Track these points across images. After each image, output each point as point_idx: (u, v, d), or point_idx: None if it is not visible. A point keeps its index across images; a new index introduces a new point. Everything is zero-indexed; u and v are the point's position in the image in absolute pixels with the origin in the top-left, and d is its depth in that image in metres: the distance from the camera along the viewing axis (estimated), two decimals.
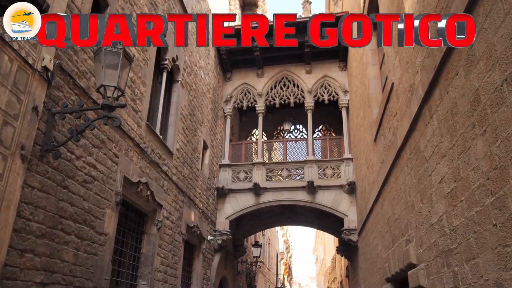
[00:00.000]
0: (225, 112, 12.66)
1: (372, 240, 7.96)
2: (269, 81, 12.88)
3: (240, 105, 12.82)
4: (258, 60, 12.67)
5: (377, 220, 7.25)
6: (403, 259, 4.97)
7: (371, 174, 7.84)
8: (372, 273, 7.99)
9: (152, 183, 6.73)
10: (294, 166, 11.58)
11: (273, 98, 12.69)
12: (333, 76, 12.53)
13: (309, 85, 12.53)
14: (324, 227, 13.31)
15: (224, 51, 12.36)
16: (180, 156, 8.35)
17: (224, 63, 12.70)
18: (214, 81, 11.73)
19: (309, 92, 12.45)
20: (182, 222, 8.24)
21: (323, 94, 12.43)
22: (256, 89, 12.79)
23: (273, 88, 12.82)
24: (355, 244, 10.26)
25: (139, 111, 6.36)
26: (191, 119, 9.21)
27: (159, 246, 7.00)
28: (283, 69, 12.94)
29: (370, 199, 7.79)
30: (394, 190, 5.69)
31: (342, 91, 12.22)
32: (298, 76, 12.76)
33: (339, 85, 12.34)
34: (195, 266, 9.38)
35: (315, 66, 12.77)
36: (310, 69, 12.72)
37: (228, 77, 13.06)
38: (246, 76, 13.08)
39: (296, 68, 12.87)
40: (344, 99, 12.12)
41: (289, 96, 12.61)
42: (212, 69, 11.65)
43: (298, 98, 12.53)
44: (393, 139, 5.59)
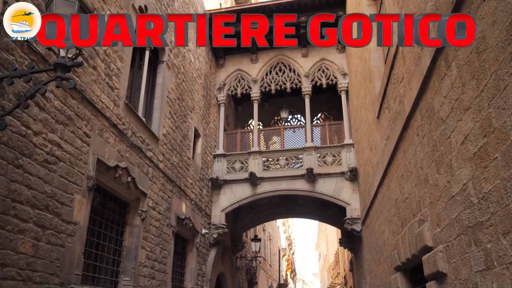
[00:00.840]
0: (218, 100, 11.99)
1: (377, 227, 7.30)
2: (264, 67, 12.20)
3: (234, 93, 12.15)
4: (252, 45, 11.98)
5: (383, 204, 6.58)
6: (416, 242, 4.30)
7: (375, 156, 7.18)
8: (378, 263, 7.32)
9: (133, 168, 6.07)
10: (292, 154, 10.90)
11: (269, 84, 12.01)
12: (331, 59, 11.84)
13: (306, 69, 11.86)
14: (326, 219, 12.64)
15: None
16: (168, 142, 7.69)
17: (216, 49, 12.03)
18: (205, 67, 11.06)
19: (306, 77, 11.78)
20: (171, 214, 7.58)
21: (321, 78, 11.75)
22: (251, 75, 12.11)
23: (268, 74, 12.15)
24: (359, 234, 9.60)
25: (115, 89, 5.69)
26: (179, 103, 8.55)
27: (144, 238, 6.34)
28: (278, 53, 12.25)
29: (374, 182, 7.12)
30: (402, 167, 5.02)
31: (341, 74, 11.54)
32: (294, 60, 12.08)
33: (337, 68, 11.66)
34: (189, 261, 8.72)
35: (312, 49, 12.08)
36: (307, 52, 12.04)
37: (221, 64, 12.38)
38: (240, 62, 12.40)
39: (291, 52, 12.18)
40: (343, 82, 11.44)
41: (285, 82, 11.93)
42: (204, 54, 10.98)
43: (294, 83, 11.85)
44: (399, 109, 4.92)
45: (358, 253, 10.78)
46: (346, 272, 17.37)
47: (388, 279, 6.17)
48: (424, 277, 4.52)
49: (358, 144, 9.62)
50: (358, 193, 9.90)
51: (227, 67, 12.44)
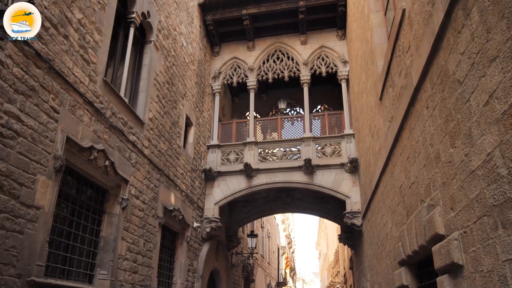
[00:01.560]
0: (213, 89, 11.44)
1: (379, 219, 6.74)
2: (261, 55, 11.65)
3: (230, 81, 11.61)
4: (248, 31, 11.44)
5: (386, 193, 6.03)
6: (424, 231, 3.75)
7: (377, 142, 6.62)
8: (380, 258, 6.77)
9: (113, 152, 5.52)
10: (289, 145, 10.35)
11: (266, 72, 11.45)
12: (331, 46, 11.28)
13: (305, 56, 11.30)
14: (325, 214, 12.08)
15: (210, 21, 11.14)
16: (155, 128, 7.14)
17: (211, 35, 11.48)
18: (199, 53, 10.51)
19: (304, 65, 11.22)
20: (158, 204, 7.03)
21: (320, 66, 11.19)
22: (247, 63, 11.56)
23: (266, 62, 11.59)
24: (359, 229, 9.04)
25: (92, 63, 5.14)
26: (169, 88, 8.00)
27: (125, 229, 5.79)
28: (276, 40, 11.70)
29: (376, 171, 6.57)
30: (408, 148, 4.46)
31: (341, 62, 10.98)
32: (292, 48, 11.52)
33: (337, 55, 11.10)
34: (178, 255, 8.17)
35: (311, 36, 11.53)
36: (306, 40, 11.47)
37: (216, 51, 11.83)
38: (236, 50, 11.85)
39: (290, 39, 11.63)
40: (343, 70, 10.87)
41: (283, 70, 11.37)
42: (197, 39, 10.43)
43: (293, 71, 11.29)
44: (405, 82, 4.37)
45: (358, 249, 10.21)
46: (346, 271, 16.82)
47: (391, 275, 5.62)
48: (433, 271, 3.97)
49: (358, 134, 9.06)
50: (359, 186, 9.34)
51: (222, 55, 11.89)
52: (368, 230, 8.17)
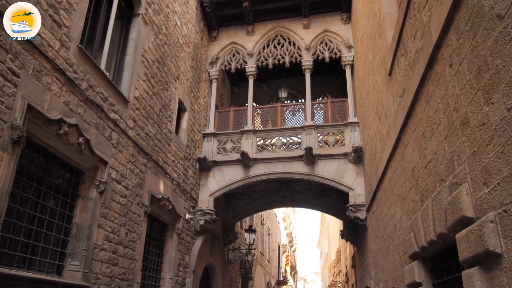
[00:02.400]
0: (210, 75, 10.80)
1: (386, 210, 6.09)
2: (261, 39, 11.00)
3: (228, 67, 10.97)
4: (247, 14, 10.81)
5: (394, 180, 5.38)
6: (445, 216, 3.10)
7: (384, 124, 5.97)
8: (387, 253, 6.12)
9: (88, 129, 4.91)
10: (289, 133, 9.70)
11: (266, 58, 10.81)
12: (335, 30, 10.61)
13: (307, 41, 10.64)
14: (327, 208, 11.41)
15: (208, 3, 10.51)
16: (141, 108, 6.52)
17: (209, 18, 10.85)
18: (195, 36, 9.89)
19: (307, 50, 10.56)
20: (144, 191, 6.42)
21: (324, 51, 10.53)
22: (246, 49, 10.92)
23: (266, 47, 10.95)
24: (363, 223, 8.37)
25: (64, 26, 4.52)
26: (160, 68, 7.38)
27: (103, 216, 5.18)
28: (277, 25, 11.06)
29: (384, 156, 5.92)
30: (424, 122, 3.81)
31: (345, 47, 10.31)
32: (294, 32, 10.87)
33: (342, 40, 10.43)
34: (168, 248, 7.55)
35: (314, 20, 10.87)
36: (308, 23, 10.82)
37: (214, 36, 11.20)
38: (235, 35, 11.22)
39: (291, 23, 10.98)
40: (348, 55, 10.20)
41: (284, 55, 10.72)
42: (193, 21, 9.81)
43: (294, 57, 10.64)
44: (421, 44, 3.72)
45: (361, 245, 9.55)
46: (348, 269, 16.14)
47: (400, 271, 4.96)
48: (454, 264, 3.33)
49: (363, 121, 8.39)
50: (363, 177, 8.68)
51: (220, 40, 11.26)
52: (373, 224, 7.51)
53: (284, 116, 10.61)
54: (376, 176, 6.83)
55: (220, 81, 11.40)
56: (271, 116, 10.31)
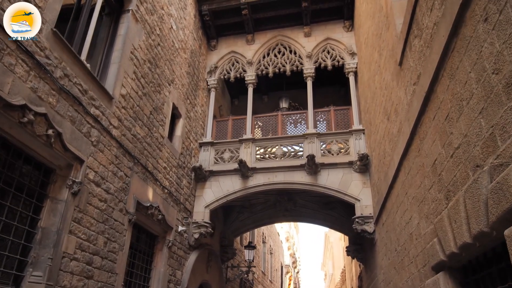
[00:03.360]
0: (208, 84, 10.26)
1: (399, 218, 5.30)
2: (261, 48, 10.51)
3: (227, 76, 10.43)
4: (247, 23, 10.36)
5: (409, 181, 4.63)
6: (488, 208, 2.36)
7: (394, 123, 5.28)
8: (400, 268, 5.28)
9: (61, 121, 4.26)
10: (290, 142, 9.00)
11: (266, 66, 10.28)
12: (337, 38, 10.10)
13: (308, 49, 10.12)
14: (331, 223, 10.53)
15: (206, 11, 10.10)
16: (129, 108, 5.90)
17: (208, 27, 10.41)
18: (193, 43, 9.41)
19: (308, 57, 10.03)
20: (129, 197, 5.69)
21: (326, 59, 9.98)
22: (246, 57, 10.41)
23: (266, 56, 10.44)
24: (371, 237, 7.52)
25: (36, 6, 3.95)
26: (151, 68, 6.82)
27: (77, 221, 4.44)
28: (277, 33, 10.58)
29: (395, 157, 5.20)
30: (448, 102, 3.14)
31: (348, 54, 9.76)
32: (295, 41, 10.37)
33: (344, 47, 9.90)
34: (157, 263, 6.72)
35: (316, 28, 10.39)
36: (310, 31, 10.33)
37: (212, 45, 10.73)
38: (234, 44, 10.74)
39: (292, 32, 10.51)
40: (351, 62, 9.64)
41: (285, 64, 10.19)
42: (191, 28, 9.35)
43: (295, 65, 10.10)
44: (442, 12, 3.09)
45: (369, 262, 8.64)
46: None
47: (421, 285, 4.14)
48: (498, 273, 2.57)
49: (369, 127, 7.70)
50: (370, 187, 7.90)
51: (220, 49, 10.79)
52: (383, 237, 6.68)
53: (285, 126, 9.95)
54: (385, 183, 6.07)
55: (219, 90, 10.87)
56: (271, 125, 9.65)
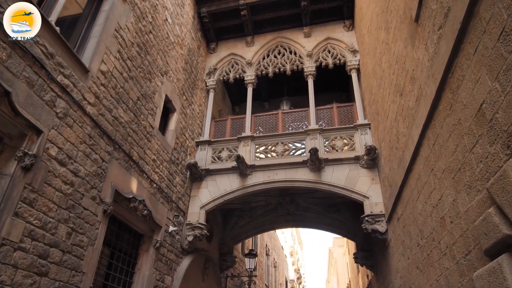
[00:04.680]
0: (207, 85, 9.35)
1: (422, 205, 4.13)
2: (261, 50, 9.65)
3: (226, 78, 9.53)
4: (246, 25, 9.57)
5: (435, 154, 3.52)
6: None
7: (411, 93, 4.22)
8: (427, 265, 4.05)
9: (13, 81, 3.29)
10: (292, 139, 7.92)
11: (266, 67, 9.38)
12: (338, 37, 9.23)
13: (309, 48, 9.24)
14: (337, 228, 9.23)
15: (205, 13, 9.35)
16: (110, 87, 4.94)
17: (207, 29, 9.63)
18: (191, 42, 8.59)
19: (309, 56, 9.13)
20: (105, 184, 4.61)
21: (326, 57, 9.07)
22: (245, 58, 9.55)
23: (266, 57, 9.57)
24: (383, 237, 6.27)
25: None
26: (141, 54, 5.92)
27: (28, 202, 3.37)
28: (277, 35, 9.75)
29: (414, 132, 4.11)
30: (497, 22, 2.10)
31: (349, 52, 8.84)
32: (295, 42, 9.51)
33: (345, 46, 9.00)
34: (141, 265, 5.52)
35: (316, 29, 9.55)
36: (309, 32, 9.49)
37: (212, 48, 9.91)
38: (234, 47, 9.92)
39: (292, 33, 9.67)
40: (353, 59, 8.70)
41: (285, 64, 9.29)
42: (189, 27, 8.57)
43: (296, 64, 9.19)
44: None
45: (381, 268, 7.30)
46: None
47: (462, 283, 2.93)
48: None
49: (377, 117, 6.63)
50: (379, 183, 6.72)
51: (219, 52, 9.96)
52: (399, 234, 5.45)
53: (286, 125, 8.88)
54: (400, 170, 4.93)
55: (218, 92, 9.97)
56: (272, 124, 8.59)
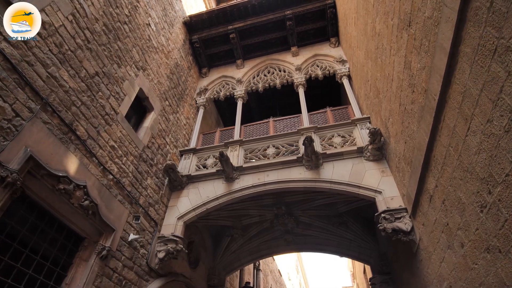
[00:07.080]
0: (197, 102, 8.01)
1: (479, 135, 2.26)
2: (251, 71, 8.52)
3: (216, 96, 8.23)
4: (236, 48, 8.61)
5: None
6: None
7: (421, 19, 2.69)
8: (504, 237, 2.02)
9: None
10: (284, 141, 6.17)
11: (255, 83, 8.14)
12: (325, 53, 8.11)
13: (297, 63, 8.08)
14: (345, 249, 6.76)
15: (196, 39, 8.49)
16: (51, 42, 3.52)
17: (198, 55, 8.66)
18: (179, 59, 7.52)
19: (298, 70, 7.91)
20: (12, 145, 2.86)
21: (316, 70, 7.83)
22: (235, 78, 8.38)
23: (256, 77, 8.38)
24: (409, 239, 4.07)
25: None
26: (108, 35, 4.67)
27: None
28: (266, 58, 8.70)
29: (442, 58, 2.47)
30: None
31: (338, 62, 7.61)
32: (283, 61, 8.40)
33: (333, 59, 7.81)
34: (73, 279, 3.38)
35: (303, 50, 8.50)
36: (297, 51, 8.43)
37: (204, 73, 8.83)
38: (225, 71, 8.83)
39: (281, 55, 8.62)
40: (342, 68, 7.42)
41: (275, 79, 8.04)
42: (178, 46, 7.59)
43: (285, 78, 7.93)
44: None
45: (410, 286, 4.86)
46: None
47: None
48: None
49: (378, 104, 5.00)
50: (392, 174, 4.76)
51: (211, 76, 8.84)
52: (436, 220, 3.37)
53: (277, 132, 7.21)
54: (425, 121, 3.14)
55: (208, 110, 8.58)
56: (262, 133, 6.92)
